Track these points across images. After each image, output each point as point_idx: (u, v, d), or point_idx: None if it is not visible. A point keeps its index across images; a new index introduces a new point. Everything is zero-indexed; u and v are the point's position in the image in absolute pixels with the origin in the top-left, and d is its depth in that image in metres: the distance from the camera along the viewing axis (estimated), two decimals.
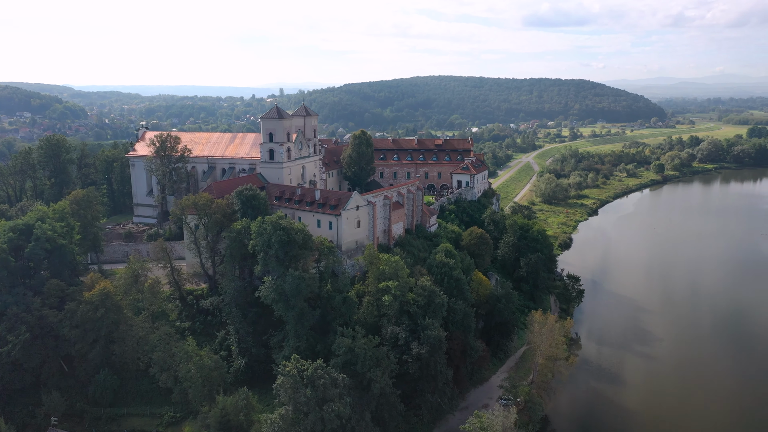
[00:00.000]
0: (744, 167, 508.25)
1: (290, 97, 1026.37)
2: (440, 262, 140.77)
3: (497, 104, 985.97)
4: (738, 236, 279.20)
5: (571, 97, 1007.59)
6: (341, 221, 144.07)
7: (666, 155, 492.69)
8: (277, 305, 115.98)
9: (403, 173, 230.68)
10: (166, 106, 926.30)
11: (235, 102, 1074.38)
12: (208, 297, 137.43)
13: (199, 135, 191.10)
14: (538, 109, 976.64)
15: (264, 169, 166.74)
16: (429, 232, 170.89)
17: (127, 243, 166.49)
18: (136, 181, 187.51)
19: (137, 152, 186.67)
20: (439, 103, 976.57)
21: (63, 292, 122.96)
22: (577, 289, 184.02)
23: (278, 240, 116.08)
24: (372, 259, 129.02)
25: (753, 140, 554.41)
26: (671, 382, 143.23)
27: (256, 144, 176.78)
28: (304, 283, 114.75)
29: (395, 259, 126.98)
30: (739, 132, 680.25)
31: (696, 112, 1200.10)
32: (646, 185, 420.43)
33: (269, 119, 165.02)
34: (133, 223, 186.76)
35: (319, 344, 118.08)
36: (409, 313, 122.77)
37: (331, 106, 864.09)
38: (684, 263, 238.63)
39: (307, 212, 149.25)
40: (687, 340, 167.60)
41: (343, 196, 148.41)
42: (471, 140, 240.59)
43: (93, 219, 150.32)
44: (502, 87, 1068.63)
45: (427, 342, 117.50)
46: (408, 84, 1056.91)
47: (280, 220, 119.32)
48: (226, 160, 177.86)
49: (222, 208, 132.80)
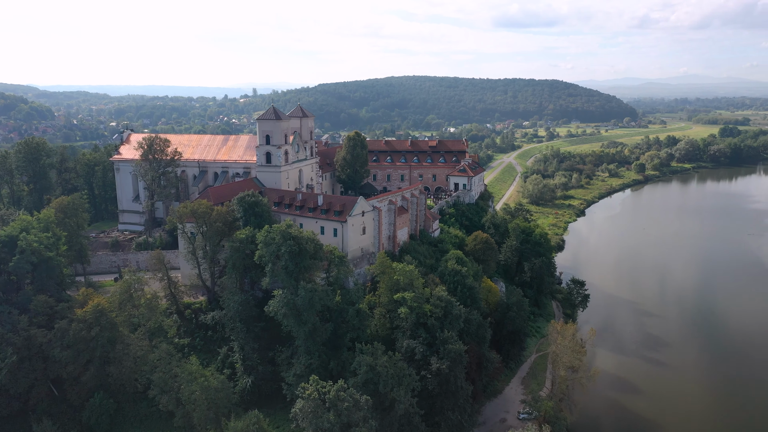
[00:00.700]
0: (720, 166, 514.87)
1: (263, 98, 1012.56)
2: (452, 269, 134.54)
3: (472, 104, 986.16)
4: (726, 236, 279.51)
5: (545, 98, 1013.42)
6: (347, 228, 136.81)
7: (645, 155, 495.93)
8: (288, 321, 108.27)
9: (396, 175, 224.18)
10: (137, 107, 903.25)
11: (207, 102, 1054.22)
12: (207, 311, 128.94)
13: (189, 137, 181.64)
14: (513, 110, 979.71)
15: (261, 173, 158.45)
16: (433, 238, 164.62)
17: (114, 252, 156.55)
18: (122, 186, 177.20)
19: (122, 156, 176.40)
20: (414, 103, 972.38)
21: (52, 309, 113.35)
22: (582, 293, 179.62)
23: (288, 250, 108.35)
24: (384, 269, 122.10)
25: (728, 140, 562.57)
26: (687, 390, 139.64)
27: (251, 146, 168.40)
28: (317, 296, 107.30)
29: (410, 268, 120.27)
30: (710, 131, 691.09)
31: (665, 112, 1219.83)
32: (628, 185, 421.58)
33: (266, 121, 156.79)
34: (119, 230, 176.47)
35: (332, 361, 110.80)
36: (425, 326, 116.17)
37: (306, 106, 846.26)
38: (679, 264, 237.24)
39: (310, 219, 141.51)
40: (693, 344, 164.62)
41: (347, 201, 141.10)
42: (466, 141, 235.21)
43: (78, 228, 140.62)
44: (476, 87, 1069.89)
45: (447, 356, 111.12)
46: (383, 84, 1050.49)
47: (289, 229, 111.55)
48: (219, 164, 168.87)
49: (222, 216, 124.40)
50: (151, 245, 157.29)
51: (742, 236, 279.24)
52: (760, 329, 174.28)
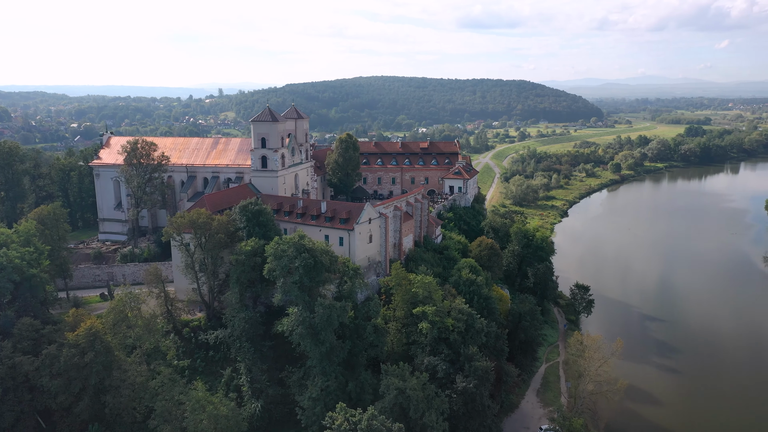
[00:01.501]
0: (690, 166, 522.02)
1: (230, 98, 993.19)
2: (467, 279, 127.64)
3: (442, 105, 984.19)
4: (711, 236, 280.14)
5: (513, 98, 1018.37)
6: (354, 236, 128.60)
7: (619, 155, 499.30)
8: (304, 341, 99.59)
9: (387, 178, 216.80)
10: (98, 107, 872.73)
11: (171, 103, 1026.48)
12: (207, 329, 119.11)
13: (174, 140, 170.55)
14: (482, 110, 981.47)
15: (256, 178, 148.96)
16: (437, 245, 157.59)
17: (97, 265, 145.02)
18: (102, 193, 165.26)
19: (103, 160, 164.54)
20: (384, 103, 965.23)
21: (38, 333, 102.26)
22: (586, 299, 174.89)
23: (303, 264, 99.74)
24: (400, 280, 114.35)
25: (697, 139, 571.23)
26: (708, 398, 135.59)
27: (242, 150, 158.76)
28: (335, 313, 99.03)
29: (429, 279, 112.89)
30: (675, 131, 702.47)
31: (628, 112, 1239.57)
32: (606, 185, 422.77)
33: (262, 122, 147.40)
34: (99, 240, 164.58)
35: (350, 383, 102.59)
36: (447, 341, 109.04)
37: (275, 107, 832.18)
38: (672, 265, 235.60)
39: (312, 227, 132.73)
40: (702, 348, 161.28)
41: (353, 208, 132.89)
42: (458, 143, 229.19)
43: (60, 240, 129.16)
44: (445, 87, 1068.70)
45: (473, 374, 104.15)
46: (351, 84, 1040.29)
47: (302, 240, 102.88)
48: (209, 169, 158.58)
49: (224, 227, 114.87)
50: (137, 257, 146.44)
51: (726, 235, 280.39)
52: (763, 331, 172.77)
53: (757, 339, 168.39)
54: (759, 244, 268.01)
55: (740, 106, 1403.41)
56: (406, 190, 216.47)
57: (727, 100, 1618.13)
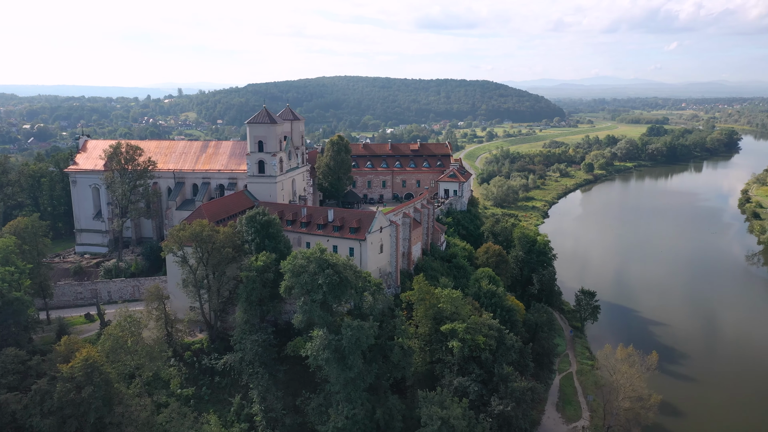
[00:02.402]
0: (658, 165, 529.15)
1: (190, 98, 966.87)
2: (488, 290, 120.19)
3: (407, 105, 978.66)
4: (693, 235, 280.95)
5: (477, 98, 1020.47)
6: (366, 247, 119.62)
7: (590, 154, 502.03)
8: (330, 366, 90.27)
9: (378, 182, 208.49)
10: (51, 108, 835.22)
11: (128, 103, 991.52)
12: (210, 351, 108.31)
13: (158, 144, 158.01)
14: (447, 110, 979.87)
15: (252, 184, 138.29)
16: (444, 252, 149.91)
17: (79, 282, 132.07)
18: (79, 202, 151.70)
19: (80, 166, 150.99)
20: (348, 103, 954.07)
21: (24, 366, 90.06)
22: (592, 305, 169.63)
23: (328, 281, 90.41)
24: (423, 295, 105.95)
25: (663, 139, 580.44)
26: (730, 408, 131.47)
27: (235, 154, 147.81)
28: (364, 334, 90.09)
29: (456, 294, 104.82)
30: (636, 130, 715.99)
31: (587, 112, 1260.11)
32: (581, 185, 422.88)
33: (259, 125, 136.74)
34: (77, 253, 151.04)
35: (378, 409, 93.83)
36: (478, 360, 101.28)
37: (238, 107, 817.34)
38: (664, 267, 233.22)
39: (319, 237, 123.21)
40: (714, 354, 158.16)
41: (363, 216, 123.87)
42: (450, 144, 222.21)
43: (39, 255, 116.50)
44: (410, 88, 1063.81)
45: (511, 396, 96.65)
46: (315, 84, 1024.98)
47: (323, 254, 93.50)
48: (199, 174, 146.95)
49: (231, 239, 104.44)
50: (124, 271, 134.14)
51: (707, 235, 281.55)
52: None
53: (758, 339, 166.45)
54: (741, 243, 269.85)
55: (693, 106, 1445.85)
56: (398, 194, 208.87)
57: (680, 100, 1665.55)
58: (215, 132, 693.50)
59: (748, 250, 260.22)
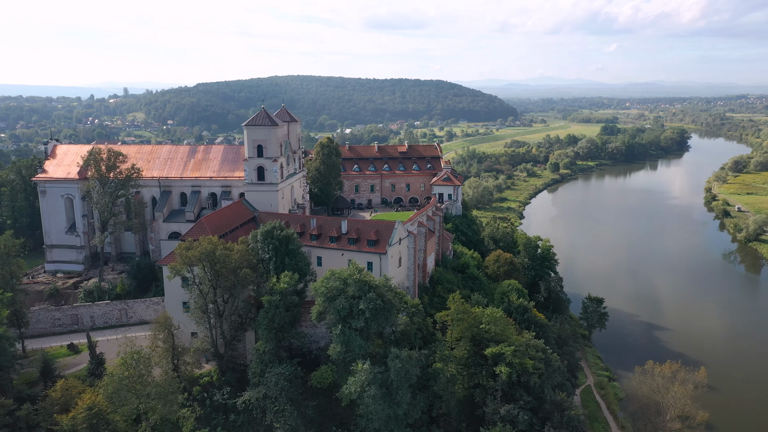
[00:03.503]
0: (617, 163, 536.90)
1: (137, 98, 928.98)
2: (519, 305, 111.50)
3: (362, 104, 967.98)
4: (671, 235, 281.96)
5: (432, 98, 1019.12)
6: (386, 261, 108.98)
7: (554, 154, 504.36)
8: (377, 404, 79.29)
9: (366, 186, 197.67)
10: None
11: (70, 103, 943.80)
12: (221, 385, 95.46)
13: (139, 148, 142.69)
14: (402, 109, 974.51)
15: (251, 192, 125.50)
16: (456, 262, 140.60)
17: (57, 306, 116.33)
18: (50, 214, 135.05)
19: (49, 174, 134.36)
20: (303, 103, 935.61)
21: (12, 417, 75.65)
22: (599, 312, 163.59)
23: (371, 307, 79.51)
24: (461, 314, 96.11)
25: (621, 138, 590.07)
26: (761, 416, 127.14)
27: (228, 159, 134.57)
28: (413, 365, 79.68)
29: (499, 314, 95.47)
30: (589, 129, 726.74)
31: (538, 112, 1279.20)
32: (549, 184, 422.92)
33: (258, 127, 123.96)
34: (47, 272, 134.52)
35: None
36: (525, 386, 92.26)
37: (189, 107, 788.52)
38: (649, 267, 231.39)
39: (332, 250, 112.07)
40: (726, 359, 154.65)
41: (382, 227, 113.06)
42: (439, 146, 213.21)
43: (13, 278, 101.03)
44: (364, 87, 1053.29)
45: (567, 426, 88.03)
46: (268, 84, 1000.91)
47: (361, 274, 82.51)
48: (188, 183, 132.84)
49: (246, 258, 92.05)
50: (108, 293, 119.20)
51: (684, 234, 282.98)
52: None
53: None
54: (717, 242, 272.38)
55: (636, 105, 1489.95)
56: (386, 198, 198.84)
57: (623, 100, 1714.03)
58: (166, 133, 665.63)
59: (724, 249, 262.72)
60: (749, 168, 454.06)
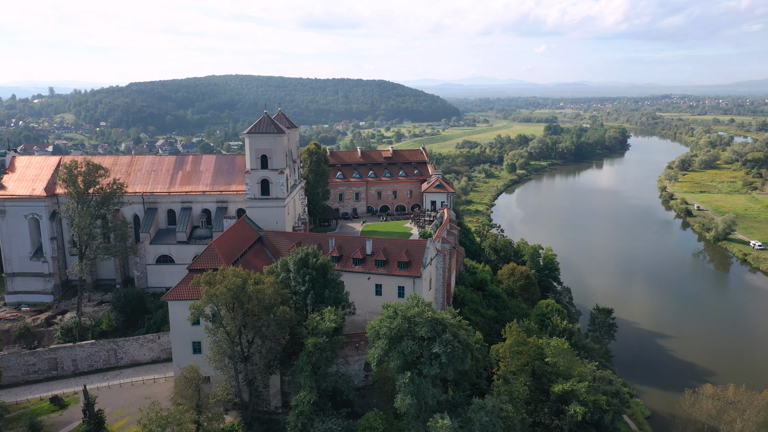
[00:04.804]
0: (568, 163, 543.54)
1: (65, 98, 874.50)
2: (565, 329, 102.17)
3: (305, 105, 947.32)
4: (640, 235, 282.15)
5: (376, 98, 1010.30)
6: (421, 285, 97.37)
7: (510, 154, 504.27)
8: None
9: (350, 194, 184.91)
10: None
11: None
12: None
13: (115, 159, 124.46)
14: (346, 110, 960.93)
15: (254, 209, 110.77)
16: (474, 279, 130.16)
17: (31, 350, 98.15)
18: (10, 238, 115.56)
19: (9, 191, 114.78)
20: (244, 104, 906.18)
21: None
22: (608, 323, 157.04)
23: (449, 351, 67.60)
24: (522, 347, 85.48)
25: (570, 137, 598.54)
26: None
27: (221, 171, 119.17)
28: (497, 415, 68.37)
29: (566, 345, 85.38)
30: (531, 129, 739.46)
31: (477, 111, 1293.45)
32: (508, 185, 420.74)
33: (263, 135, 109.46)
34: (8, 304, 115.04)
35: None
36: (598, 424, 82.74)
37: (124, 108, 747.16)
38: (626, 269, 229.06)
39: (358, 274, 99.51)
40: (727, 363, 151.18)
41: (412, 247, 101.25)
42: (425, 150, 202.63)
43: None
44: (306, 87, 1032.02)
45: None
46: (206, 84, 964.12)
47: (437, 313, 70.49)
48: (176, 198, 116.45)
49: (281, 293, 78.14)
50: (91, 330, 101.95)
51: (652, 234, 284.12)
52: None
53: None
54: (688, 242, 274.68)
55: (570, 105, 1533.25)
56: (372, 207, 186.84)
57: (557, 100, 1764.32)
58: (101, 135, 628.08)
59: (694, 248, 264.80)
60: (694, 166, 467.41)
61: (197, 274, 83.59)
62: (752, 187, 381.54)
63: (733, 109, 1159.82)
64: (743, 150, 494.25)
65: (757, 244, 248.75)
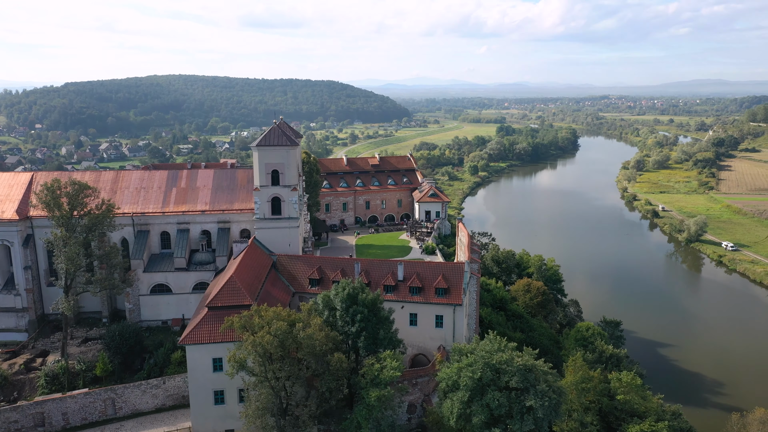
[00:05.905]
0: (525, 164, 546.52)
1: None
2: (612, 355, 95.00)
3: (253, 106, 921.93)
4: (615, 238, 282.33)
5: (325, 99, 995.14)
6: (461, 314, 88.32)
7: (470, 156, 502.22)
8: None
9: (338, 204, 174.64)
10: None
11: None
12: None
13: (97, 175, 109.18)
14: (296, 111, 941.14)
15: (263, 230, 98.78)
16: (492, 298, 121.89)
17: (10, 403, 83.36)
18: None
19: None
20: (189, 105, 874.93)
21: None
22: (616, 335, 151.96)
23: (546, 404, 58.66)
24: (588, 384, 77.36)
25: (526, 138, 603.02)
26: None
27: (221, 187, 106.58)
28: None
29: (638, 381, 77.80)
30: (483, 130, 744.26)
31: (424, 112, 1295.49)
32: (473, 188, 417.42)
33: (275, 148, 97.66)
34: None
35: None
36: None
37: (61, 109, 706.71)
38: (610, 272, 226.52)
39: (390, 302, 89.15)
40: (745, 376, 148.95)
41: (446, 270, 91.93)
42: (413, 157, 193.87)
43: None
44: (254, 88, 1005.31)
45: None
46: (148, 84, 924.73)
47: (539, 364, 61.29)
48: (172, 219, 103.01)
49: (332, 338, 67.26)
50: (82, 376, 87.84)
51: (625, 237, 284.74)
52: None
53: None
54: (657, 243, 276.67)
55: (514, 106, 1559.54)
56: (360, 217, 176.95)
57: (501, 100, 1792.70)
58: (37, 139, 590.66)
59: (667, 250, 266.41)
60: (648, 167, 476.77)
61: (218, 311, 72.05)
62: (708, 187, 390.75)
63: (669, 110, 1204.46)
64: (691, 150, 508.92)
65: (729, 246, 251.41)
